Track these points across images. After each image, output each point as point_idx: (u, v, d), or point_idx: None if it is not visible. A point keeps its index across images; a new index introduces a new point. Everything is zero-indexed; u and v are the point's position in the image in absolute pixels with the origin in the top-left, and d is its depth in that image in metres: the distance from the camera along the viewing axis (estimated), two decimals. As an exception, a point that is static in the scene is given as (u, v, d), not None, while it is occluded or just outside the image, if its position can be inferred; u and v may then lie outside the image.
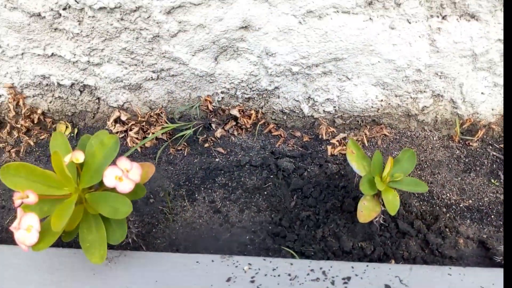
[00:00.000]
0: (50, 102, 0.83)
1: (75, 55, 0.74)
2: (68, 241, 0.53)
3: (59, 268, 0.58)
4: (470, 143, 0.76)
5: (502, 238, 0.61)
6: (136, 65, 0.74)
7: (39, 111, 0.84)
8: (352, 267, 0.55)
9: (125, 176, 0.49)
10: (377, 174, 0.56)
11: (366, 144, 0.77)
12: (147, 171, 0.55)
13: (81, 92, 0.80)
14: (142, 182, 0.54)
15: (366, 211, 0.56)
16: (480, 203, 0.69)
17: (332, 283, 0.53)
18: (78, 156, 0.50)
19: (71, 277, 0.56)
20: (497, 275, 0.53)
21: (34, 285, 0.56)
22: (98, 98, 0.81)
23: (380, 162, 0.56)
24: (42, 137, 0.85)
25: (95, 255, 0.51)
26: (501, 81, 0.72)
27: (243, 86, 0.76)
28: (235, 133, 0.80)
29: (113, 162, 0.50)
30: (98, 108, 0.83)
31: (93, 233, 0.52)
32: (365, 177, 0.56)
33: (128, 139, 0.80)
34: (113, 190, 0.50)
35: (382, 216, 0.63)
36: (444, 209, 0.68)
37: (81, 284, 0.56)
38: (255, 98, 0.77)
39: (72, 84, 0.79)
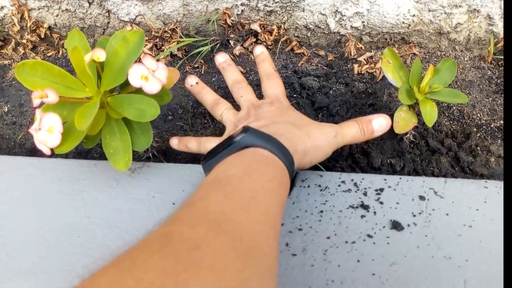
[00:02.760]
0: (57, 15, 0.77)
1: (83, -41, 0.67)
2: (90, 147, 0.51)
3: (80, 178, 0.56)
4: (503, 64, 0.72)
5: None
6: (150, -28, 0.68)
7: (45, 25, 0.78)
8: (385, 179, 0.53)
9: (151, 75, 0.45)
10: (415, 84, 0.53)
11: (394, 63, 0.73)
12: (171, 75, 0.51)
13: (90, 3, 0.75)
14: (167, 87, 0.50)
15: (403, 121, 0.53)
16: (512, 124, 0.66)
17: (365, 194, 0.52)
18: (99, 54, 0.46)
19: (93, 187, 0.54)
20: (535, 187, 0.51)
21: (53, 195, 0.54)
22: (108, 11, 0.76)
23: (419, 71, 0.53)
24: (50, 54, 0.80)
25: (120, 161, 0.49)
26: (544, -6, 0.67)
27: (266, -2, 0.70)
28: (255, 50, 0.75)
29: (138, 61, 0.46)
30: (108, 22, 0.78)
31: (116, 139, 0.49)
32: (403, 87, 0.52)
33: (142, 56, 0.75)
34: (138, 92, 0.47)
35: (413, 133, 0.61)
36: (475, 129, 0.65)
37: (104, 193, 0.54)
38: (278, 12, 0.72)
39: (80, -6, 0.73)
